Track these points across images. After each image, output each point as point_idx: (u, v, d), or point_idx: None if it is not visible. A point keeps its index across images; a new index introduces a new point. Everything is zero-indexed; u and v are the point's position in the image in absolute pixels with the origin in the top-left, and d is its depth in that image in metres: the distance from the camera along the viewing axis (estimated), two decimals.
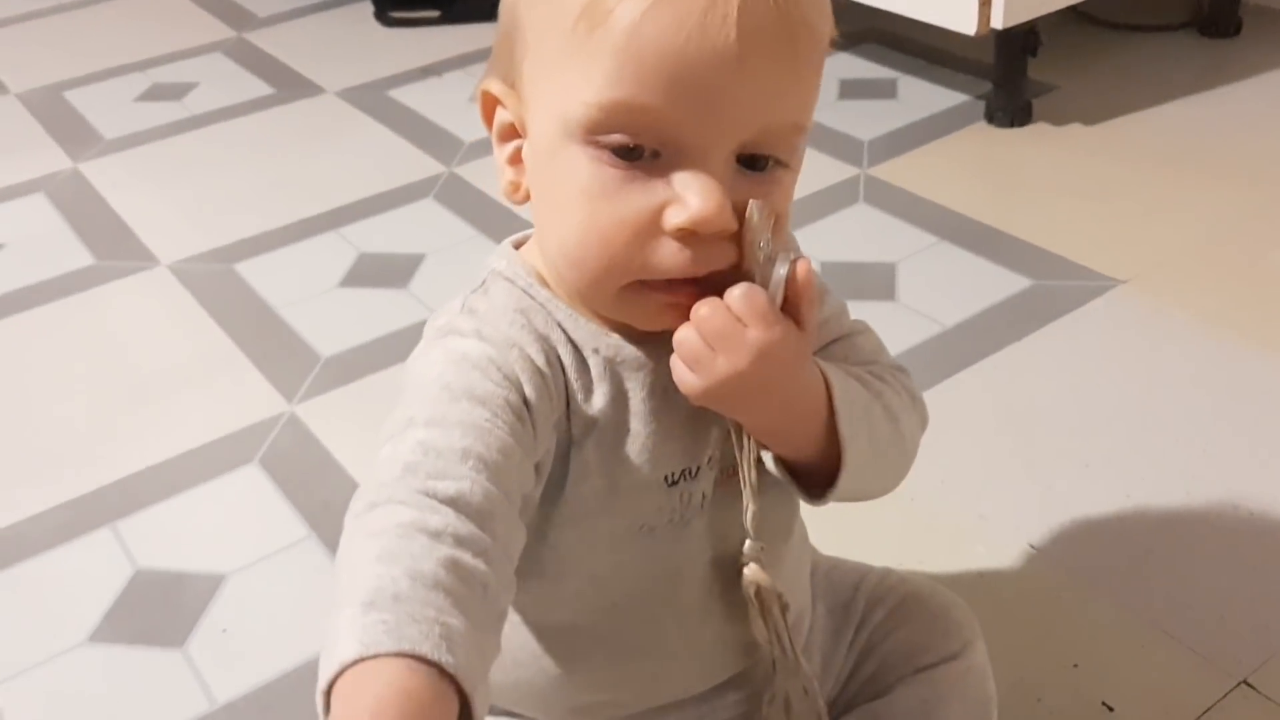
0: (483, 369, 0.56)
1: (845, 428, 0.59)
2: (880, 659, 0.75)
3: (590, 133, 0.54)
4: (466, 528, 0.49)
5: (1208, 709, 0.87)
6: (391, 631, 0.44)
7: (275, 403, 1.26)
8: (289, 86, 2.03)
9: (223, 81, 2.06)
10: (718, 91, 0.52)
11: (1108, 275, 1.35)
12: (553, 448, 0.59)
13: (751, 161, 0.55)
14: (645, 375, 0.60)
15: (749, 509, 0.62)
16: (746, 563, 0.63)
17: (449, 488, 0.50)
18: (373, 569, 0.47)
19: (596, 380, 0.60)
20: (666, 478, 0.62)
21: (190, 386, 1.31)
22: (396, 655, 0.43)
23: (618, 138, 0.53)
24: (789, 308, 0.56)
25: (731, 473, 0.62)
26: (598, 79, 0.53)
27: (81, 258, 1.56)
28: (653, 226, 0.54)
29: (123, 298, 1.48)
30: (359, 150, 1.80)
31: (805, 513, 0.71)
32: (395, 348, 1.31)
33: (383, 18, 2.25)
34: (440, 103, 1.91)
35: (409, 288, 1.44)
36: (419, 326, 0.62)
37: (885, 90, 1.84)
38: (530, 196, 0.60)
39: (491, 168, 0.63)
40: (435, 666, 0.44)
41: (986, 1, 1.55)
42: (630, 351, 0.60)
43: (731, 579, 0.64)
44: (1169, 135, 1.65)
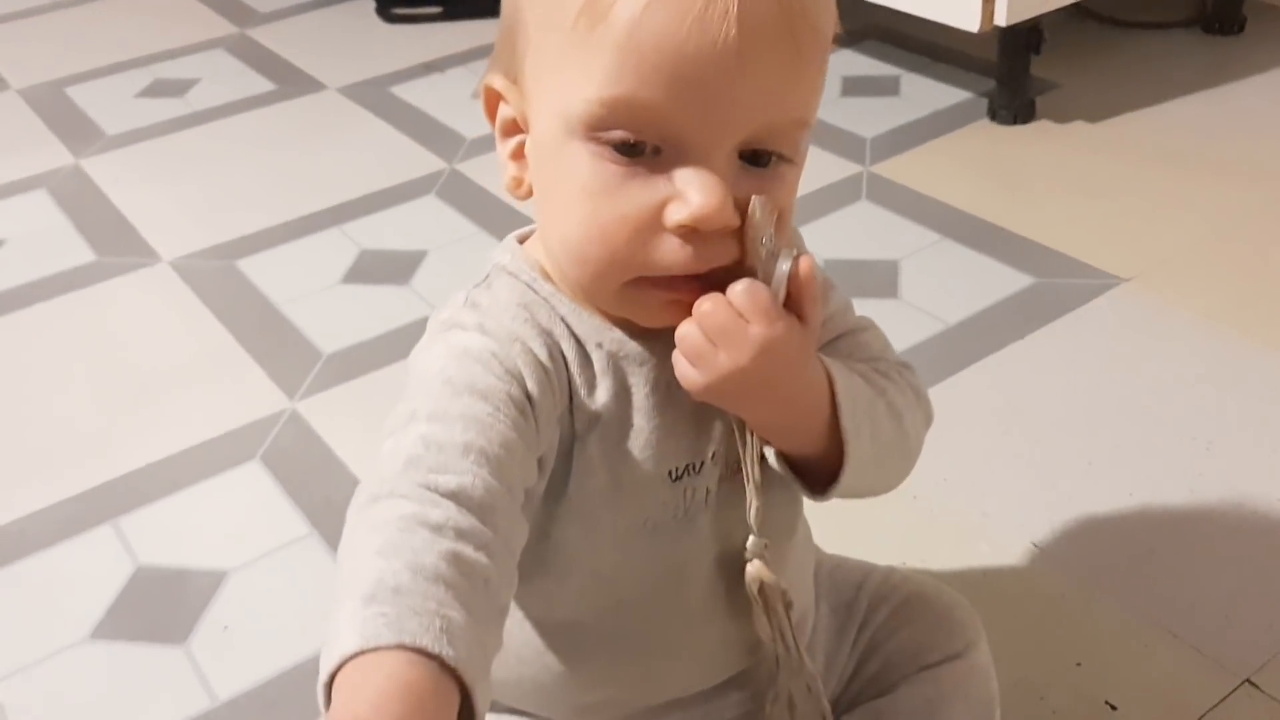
0: (485, 363, 0.56)
1: (848, 424, 0.59)
2: (884, 658, 0.75)
3: (591, 129, 0.54)
4: (468, 521, 0.49)
5: (1211, 708, 0.86)
6: (392, 624, 0.44)
7: (277, 399, 1.26)
8: (291, 83, 2.03)
9: (224, 78, 2.06)
10: (719, 88, 0.52)
11: (1111, 273, 1.35)
12: (555, 443, 0.59)
13: (754, 157, 0.55)
14: (648, 370, 0.60)
15: (753, 505, 0.62)
16: (750, 559, 0.63)
17: (450, 482, 0.50)
18: (374, 562, 0.47)
19: (599, 375, 0.60)
20: (670, 473, 0.62)
21: (192, 383, 1.31)
22: (397, 648, 0.43)
23: (619, 134, 0.53)
24: (792, 303, 0.56)
25: (736, 469, 0.62)
26: (598, 75, 0.52)
27: (83, 254, 1.56)
28: (654, 223, 0.54)
29: (124, 294, 1.48)
30: (361, 147, 1.80)
31: (808, 510, 0.71)
32: (397, 344, 1.31)
33: (385, 14, 2.25)
34: (442, 99, 1.91)
35: (411, 284, 1.44)
36: (421, 323, 0.62)
37: (888, 87, 1.84)
38: (533, 192, 0.60)
39: (494, 164, 0.63)
40: (436, 659, 0.44)
41: None
42: (633, 346, 0.60)
43: (736, 577, 0.64)
44: (1172, 133, 1.64)
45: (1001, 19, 1.56)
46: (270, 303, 1.43)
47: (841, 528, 0.84)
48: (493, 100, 0.61)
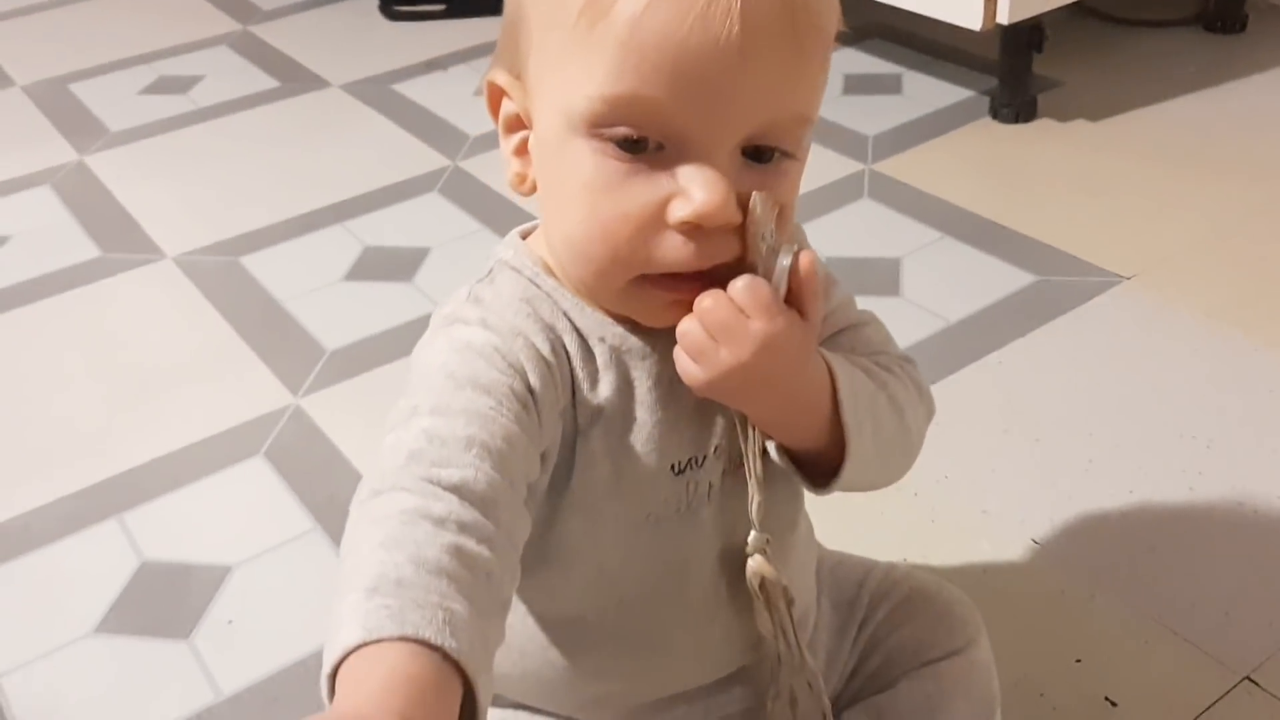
0: (487, 357, 0.56)
1: (849, 418, 0.59)
2: (885, 654, 0.75)
3: (594, 126, 0.54)
4: (470, 514, 0.49)
5: (1211, 705, 0.87)
6: (395, 616, 0.44)
7: (280, 396, 1.27)
8: (294, 80, 2.03)
9: (228, 75, 2.06)
10: (721, 84, 0.52)
11: (1112, 271, 1.35)
12: (558, 437, 0.59)
13: (757, 153, 0.55)
14: (651, 364, 0.60)
15: (754, 499, 0.62)
16: (751, 554, 0.63)
17: (453, 475, 0.50)
18: (376, 555, 0.47)
19: (602, 369, 0.60)
20: (673, 466, 0.62)
21: (196, 379, 1.31)
22: (400, 640, 0.44)
23: (622, 130, 0.53)
24: (793, 299, 0.56)
25: (738, 463, 0.62)
26: (600, 73, 0.52)
27: (87, 250, 1.57)
28: (657, 220, 0.54)
29: (128, 290, 1.48)
30: (364, 144, 1.80)
31: (810, 506, 0.71)
32: (400, 341, 1.31)
33: (388, 12, 2.25)
34: (445, 97, 1.92)
35: (414, 281, 1.44)
36: (424, 320, 0.62)
37: (890, 85, 1.84)
38: (537, 188, 0.60)
39: (496, 162, 0.63)
40: (439, 651, 0.44)
41: None
42: (636, 341, 0.60)
43: (738, 572, 0.64)
44: (1174, 131, 1.64)
45: (1004, 17, 1.56)
46: (273, 299, 1.43)
47: (843, 525, 0.84)
48: (496, 96, 0.61)
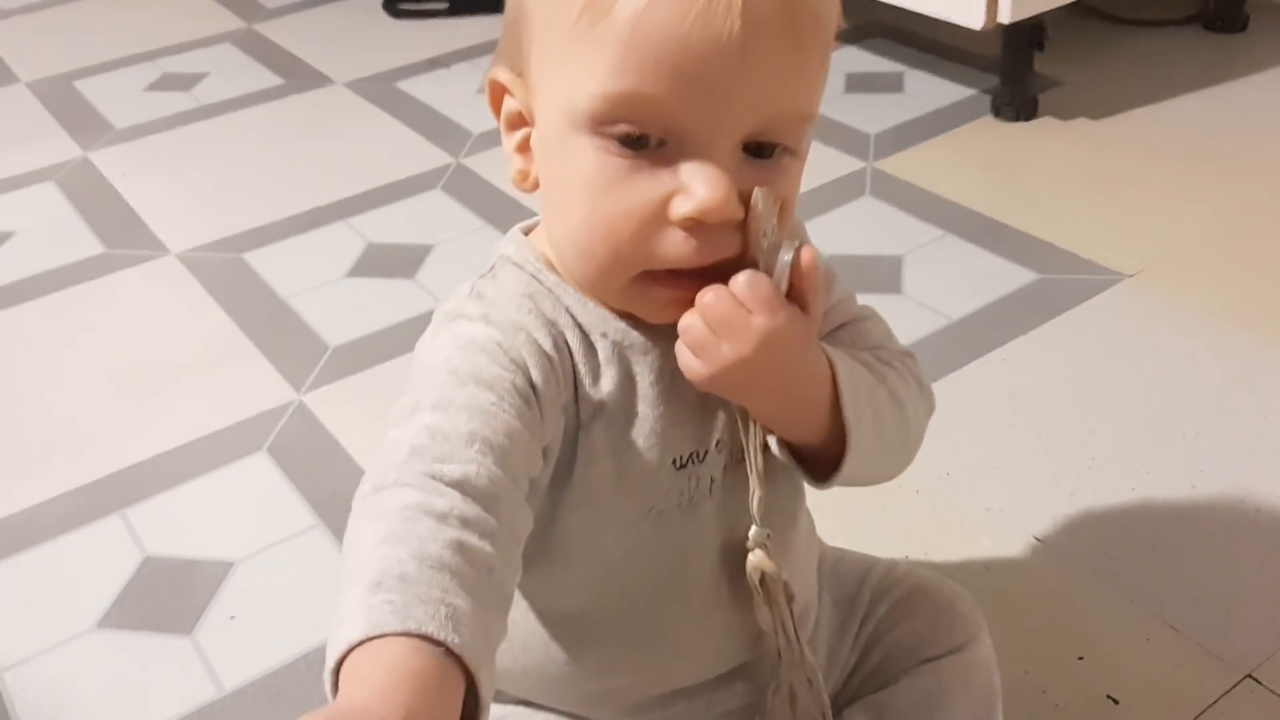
0: (489, 353, 0.57)
1: (850, 413, 0.59)
2: (885, 651, 0.75)
3: (596, 123, 0.54)
4: (472, 510, 0.50)
5: (1213, 703, 0.87)
6: (398, 611, 0.44)
7: (283, 392, 1.27)
8: (298, 77, 2.03)
9: (232, 72, 2.07)
10: (722, 81, 0.52)
11: (1114, 269, 1.35)
12: (560, 432, 0.60)
13: (758, 150, 0.55)
14: (653, 359, 0.61)
15: (756, 494, 0.62)
16: (752, 549, 0.63)
17: (455, 471, 0.51)
18: (379, 550, 0.47)
19: (604, 364, 0.60)
20: (675, 461, 0.62)
21: (199, 375, 1.31)
22: (403, 635, 0.44)
23: (623, 127, 0.53)
24: (794, 294, 0.56)
25: (740, 458, 0.62)
26: (602, 70, 0.53)
27: (91, 246, 1.57)
28: (659, 216, 0.54)
29: (132, 286, 1.49)
30: (367, 141, 1.80)
31: (811, 503, 0.71)
32: (403, 338, 1.31)
33: (391, 9, 2.25)
34: (448, 94, 1.92)
35: (417, 278, 1.45)
36: (427, 317, 0.62)
37: (891, 84, 1.84)
38: (539, 185, 0.60)
39: (499, 159, 0.63)
40: (441, 646, 0.44)
41: None
42: (638, 336, 0.61)
43: (739, 567, 0.64)
44: (1175, 130, 1.64)
45: (1005, 16, 1.56)
46: (277, 295, 1.44)
47: (844, 521, 0.84)
48: (498, 94, 0.61)
